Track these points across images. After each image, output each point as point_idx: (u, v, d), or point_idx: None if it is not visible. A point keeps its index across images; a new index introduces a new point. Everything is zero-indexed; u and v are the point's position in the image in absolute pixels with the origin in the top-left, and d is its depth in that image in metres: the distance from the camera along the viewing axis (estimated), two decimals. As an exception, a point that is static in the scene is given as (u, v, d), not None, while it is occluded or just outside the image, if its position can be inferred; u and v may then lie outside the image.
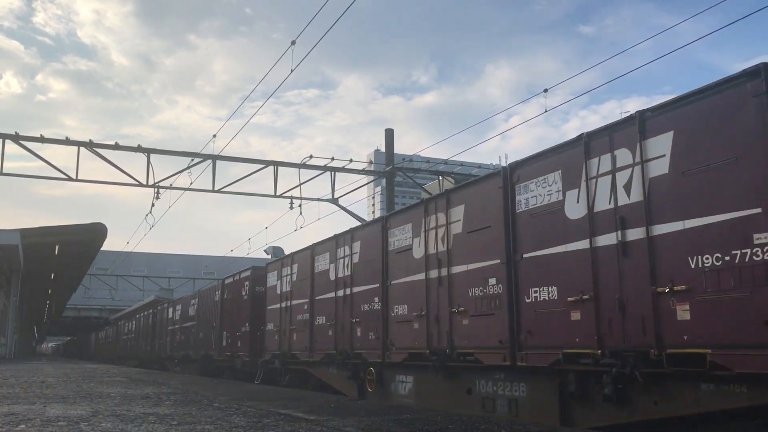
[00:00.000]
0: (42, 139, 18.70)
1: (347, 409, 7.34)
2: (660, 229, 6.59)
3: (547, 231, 7.99)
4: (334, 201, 21.90)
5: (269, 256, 35.78)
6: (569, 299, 7.48)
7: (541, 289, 7.96)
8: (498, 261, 8.74)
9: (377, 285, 11.92)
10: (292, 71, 15.90)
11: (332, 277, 13.96)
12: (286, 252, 19.41)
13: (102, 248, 31.87)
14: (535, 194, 8.29)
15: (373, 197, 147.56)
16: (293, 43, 15.60)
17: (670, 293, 6.38)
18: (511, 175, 8.73)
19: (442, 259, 10.03)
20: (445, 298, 9.81)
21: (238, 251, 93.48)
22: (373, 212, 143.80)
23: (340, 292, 13.47)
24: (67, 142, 18.95)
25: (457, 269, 9.66)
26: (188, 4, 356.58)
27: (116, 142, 19.61)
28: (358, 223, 20.00)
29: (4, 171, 18.44)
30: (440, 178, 23.27)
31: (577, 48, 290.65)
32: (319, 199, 22.18)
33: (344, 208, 22.48)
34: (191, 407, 7.22)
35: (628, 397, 6.88)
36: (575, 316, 7.41)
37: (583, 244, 7.43)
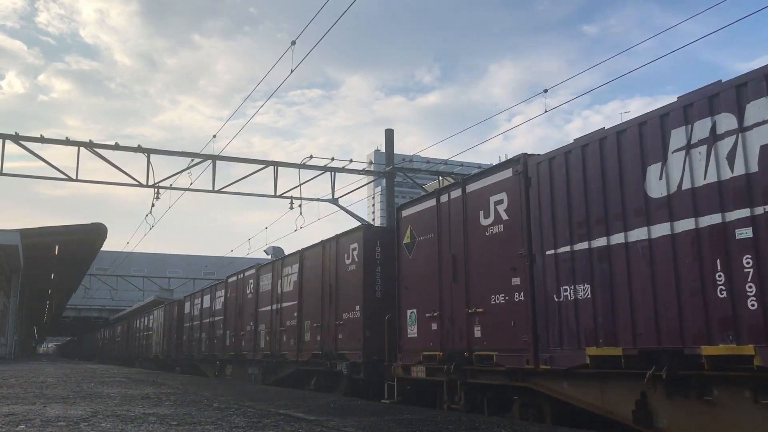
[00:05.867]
0: (42, 140, 18.69)
1: (347, 408, 7.33)
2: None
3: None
4: (334, 201, 21.88)
5: (269, 257, 35.78)
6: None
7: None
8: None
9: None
10: (292, 71, 15.87)
11: (213, 309, 23.19)
12: (286, 252, 19.67)
13: (102, 248, 31.85)
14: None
15: (374, 197, 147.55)
16: (293, 43, 15.57)
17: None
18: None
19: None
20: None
21: (238, 251, 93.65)
22: (374, 212, 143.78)
23: (216, 318, 22.58)
24: (67, 142, 18.94)
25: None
26: (192, 3, 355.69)
27: (116, 143, 19.60)
28: (358, 224, 20.02)
29: (4, 171, 18.40)
30: (440, 178, 23.26)
31: (580, 48, 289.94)
32: (319, 200, 22.16)
33: (344, 209, 22.46)
34: (191, 407, 7.21)
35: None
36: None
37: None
